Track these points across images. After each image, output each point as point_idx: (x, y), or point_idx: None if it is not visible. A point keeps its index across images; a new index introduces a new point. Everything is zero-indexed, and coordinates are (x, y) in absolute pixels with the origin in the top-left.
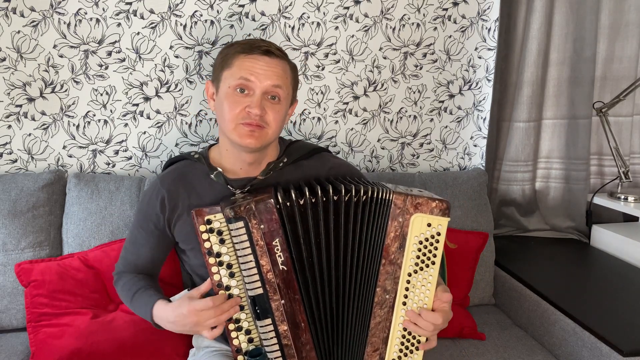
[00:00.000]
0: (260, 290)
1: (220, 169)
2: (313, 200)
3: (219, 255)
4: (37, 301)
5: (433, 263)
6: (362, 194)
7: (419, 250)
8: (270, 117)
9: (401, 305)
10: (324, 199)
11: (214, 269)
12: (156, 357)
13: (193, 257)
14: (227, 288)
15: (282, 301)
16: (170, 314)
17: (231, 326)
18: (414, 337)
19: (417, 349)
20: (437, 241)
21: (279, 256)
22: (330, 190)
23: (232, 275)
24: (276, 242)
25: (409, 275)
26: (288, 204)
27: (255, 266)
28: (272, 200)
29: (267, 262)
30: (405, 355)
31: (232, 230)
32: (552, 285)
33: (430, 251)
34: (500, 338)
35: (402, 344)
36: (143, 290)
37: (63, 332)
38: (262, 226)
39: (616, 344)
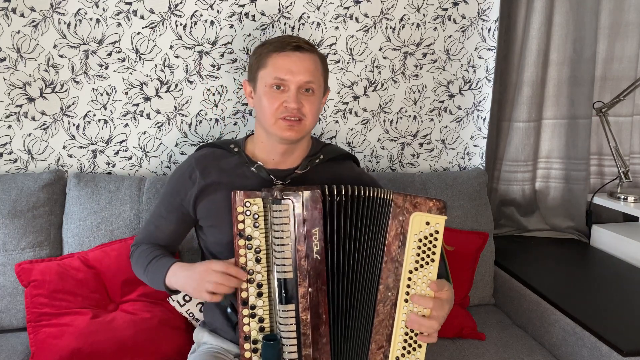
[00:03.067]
0: (291, 275)
1: (260, 162)
2: (329, 200)
3: (249, 238)
4: (37, 301)
5: (432, 260)
6: (361, 194)
7: (419, 247)
8: (306, 108)
9: (403, 303)
10: (329, 198)
11: (242, 252)
12: (156, 356)
13: (210, 235)
14: (251, 272)
15: (310, 289)
16: (185, 269)
17: (245, 311)
18: (416, 334)
19: (419, 345)
20: (436, 239)
21: (316, 245)
22: (327, 191)
23: (258, 260)
24: (315, 231)
25: (410, 272)
26: (330, 198)
27: (291, 250)
28: (319, 191)
29: (304, 248)
30: (409, 352)
31: (275, 211)
32: (552, 285)
33: (429, 249)
34: (500, 338)
35: (405, 341)
36: (162, 256)
37: (63, 332)
38: (306, 213)
39: (616, 344)
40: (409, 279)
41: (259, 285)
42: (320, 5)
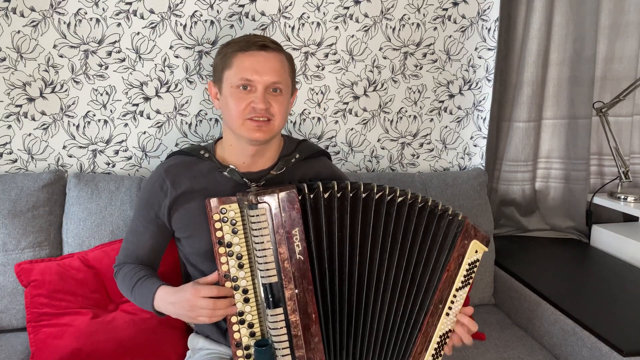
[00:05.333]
0: (275, 279)
1: (232, 166)
2: (364, 196)
3: (229, 245)
4: (37, 301)
5: (469, 283)
6: (419, 201)
7: (467, 270)
8: (275, 108)
9: (444, 316)
10: (311, 196)
11: (223, 259)
12: (156, 357)
13: (187, 245)
14: (234, 279)
15: (296, 291)
16: (172, 295)
17: (234, 319)
18: (441, 345)
19: (441, 354)
20: (476, 266)
21: (297, 245)
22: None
23: (241, 266)
24: (296, 232)
25: (457, 290)
26: (312, 195)
27: (273, 254)
28: (295, 191)
29: (285, 251)
30: (434, 359)
31: (252, 216)
32: (552, 285)
33: (470, 273)
34: (500, 338)
35: (435, 349)
36: (146, 278)
37: (63, 332)
38: (284, 214)
39: (616, 344)
40: (454, 295)
41: (245, 291)
42: (320, 5)
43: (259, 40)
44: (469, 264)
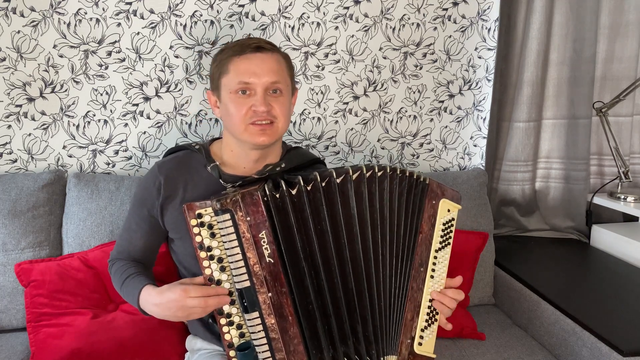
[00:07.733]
0: (248, 283)
1: (217, 162)
2: (322, 185)
3: (209, 249)
4: (37, 301)
5: (449, 244)
6: (398, 172)
7: (442, 230)
8: (277, 110)
9: (429, 278)
10: (276, 195)
11: (205, 263)
12: (156, 357)
13: (180, 246)
14: (218, 282)
15: (269, 294)
16: (155, 297)
17: (223, 320)
18: (434, 310)
19: (435, 319)
20: (452, 225)
21: (266, 249)
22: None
23: (222, 269)
24: (262, 235)
25: (436, 251)
26: (277, 195)
27: (242, 259)
28: (258, 192)
29: (254, 255)
30: (429, 325)
31: (219, 222)
32: (552, 285)
33: (447, 233)
34: (500, 338)
35: (428, 314)
36: (134, 276)
37: (63, 332)
38: (248, 218)
39: (616, 344)
40: (435, 257)
41: (230, 294)
42: (320, 5)
43: (253, 42)
44: (444, 224)
